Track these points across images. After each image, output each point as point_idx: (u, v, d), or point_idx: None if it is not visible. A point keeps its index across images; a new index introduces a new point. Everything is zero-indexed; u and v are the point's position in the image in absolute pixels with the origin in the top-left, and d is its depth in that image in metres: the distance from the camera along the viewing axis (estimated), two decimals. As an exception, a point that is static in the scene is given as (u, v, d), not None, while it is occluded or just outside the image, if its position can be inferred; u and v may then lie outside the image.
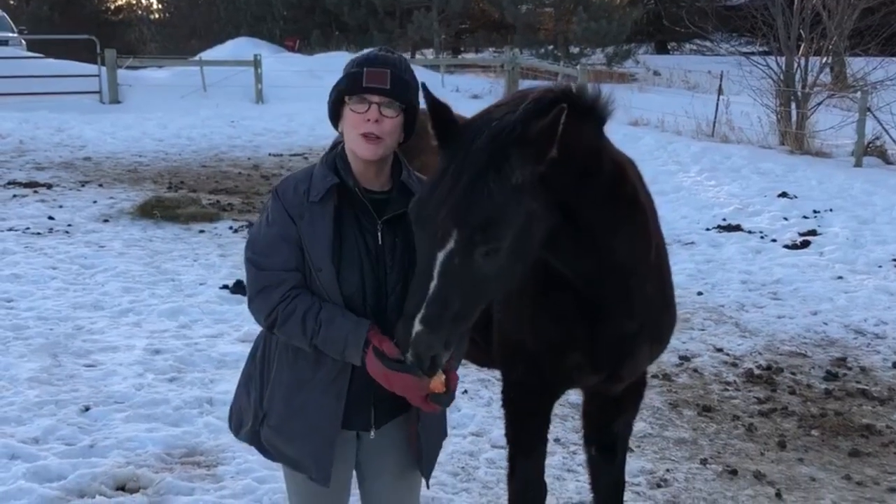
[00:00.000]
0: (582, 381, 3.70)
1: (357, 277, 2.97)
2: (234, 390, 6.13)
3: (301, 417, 3.05)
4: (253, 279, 3.02)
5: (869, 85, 19.98)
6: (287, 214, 2.97)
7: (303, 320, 2.90)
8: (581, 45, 34.71)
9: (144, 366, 6.69)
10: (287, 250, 2.96)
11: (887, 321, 8.29)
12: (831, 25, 19.89)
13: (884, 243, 11.00)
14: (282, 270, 2.95)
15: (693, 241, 11.04)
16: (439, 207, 2.74)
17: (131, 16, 53.47)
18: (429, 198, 2.79)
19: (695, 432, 6.00)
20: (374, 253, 3.00)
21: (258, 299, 2.98)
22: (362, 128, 2.92)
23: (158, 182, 14.64)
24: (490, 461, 5.46)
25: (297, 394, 3.05)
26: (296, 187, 3.01)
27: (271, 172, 15.93)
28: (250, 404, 3.19)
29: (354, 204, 3.01)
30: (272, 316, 2.95)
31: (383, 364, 2.84)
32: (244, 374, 3.28)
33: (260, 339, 3.22)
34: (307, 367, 3.03)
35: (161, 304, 8.12)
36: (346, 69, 3.01)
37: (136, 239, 10.62)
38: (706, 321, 8.24)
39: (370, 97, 2.92)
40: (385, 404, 3.09)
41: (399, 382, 2.86)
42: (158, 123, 20.78)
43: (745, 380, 6.90)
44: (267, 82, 25.51)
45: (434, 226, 2.74)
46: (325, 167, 3.03)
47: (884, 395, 6.63)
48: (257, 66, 25.33)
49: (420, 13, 35.56)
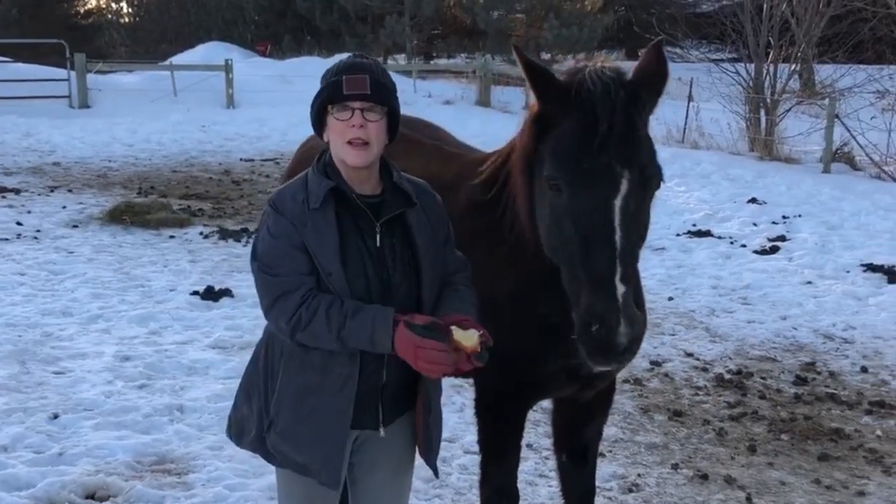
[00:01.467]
0: (558, 389, 3.69)
1: (363, 279, 3.00)
2: (204, 397, 6.17)
3: (310, 423, 3.06)
4: (268, 288, 3.00)
5: (837, 92, 20.20)
6: (290, 224, 2.98)
7: (327, 316, 2.90)
8: (552, 51, 34.86)
9: (114, 373, 6.64)
10: (299, 257, 2.97)
11: (855, 326, 8.38)
12: (800, 33, 20.08)
13: (851, 248, 11.12)
14: (297, 275, 2.96)
15: (664, 246, 11.10)
16: (608, 154, 2.81)
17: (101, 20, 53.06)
18: (590, 149, 2.82)
19: (666, 437, 6.04)
20: (374, 255, 3.04)
21: (277, 306, 2.97)
22: (348, 135, 2.96)
23: (128, 187, 14.54)
24: (462, 467, 5.46)
25: (306, 400, 3.05)
26: (294, 197, 3.02)
27: (242, 177, 15.87)
28: (252, 412, 3.19)
29: (351, 208, 3.03)
30: (294, 318, 2.93)
31: (415, 333, 2.83)
32: (244, 383, 3.28)
33: (260, 349, 3.22)
34: (315, 373, 3.04)
35: (131, 311, 8.07)
36: (324, 79, 3.04)
37: (106, 245, 10.54)
38: (677, 326, 8.29)
39: (352, 104, 2.95)
40: (391, 402, 3.14)
41: (428, 352, 2.84)
42: (128, 128, 20.64)
43: (715, 384, 6.95)
44: (238, 87, 25.40)
45: (606, 173, 2.81)
46: (317, 175, 3.05)
47: (852, 400, 6.70)
48: (228, 71, 25.22)
49: (392, 18, 35.58)
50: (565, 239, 2.92)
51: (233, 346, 7.32)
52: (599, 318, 2.76)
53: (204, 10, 45.07)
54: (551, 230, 3.00)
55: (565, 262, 2.96)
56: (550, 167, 2.93)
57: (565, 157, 2.89)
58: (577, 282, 2.87)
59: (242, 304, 8.37)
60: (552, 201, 2.95)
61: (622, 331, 2.74)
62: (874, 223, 12.62)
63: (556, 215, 2.94)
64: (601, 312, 2.76)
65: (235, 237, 11.08)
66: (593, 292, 2.79)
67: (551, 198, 2.95)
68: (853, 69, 20.92)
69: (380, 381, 3.06)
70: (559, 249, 2.98)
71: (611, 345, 2.76)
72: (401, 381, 3.11)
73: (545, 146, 3.00)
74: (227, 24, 43.45)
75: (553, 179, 2.91)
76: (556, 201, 2.93)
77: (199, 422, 5.90)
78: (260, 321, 8.21)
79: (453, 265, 3.22)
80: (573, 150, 2.88)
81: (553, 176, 2.91)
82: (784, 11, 19.86)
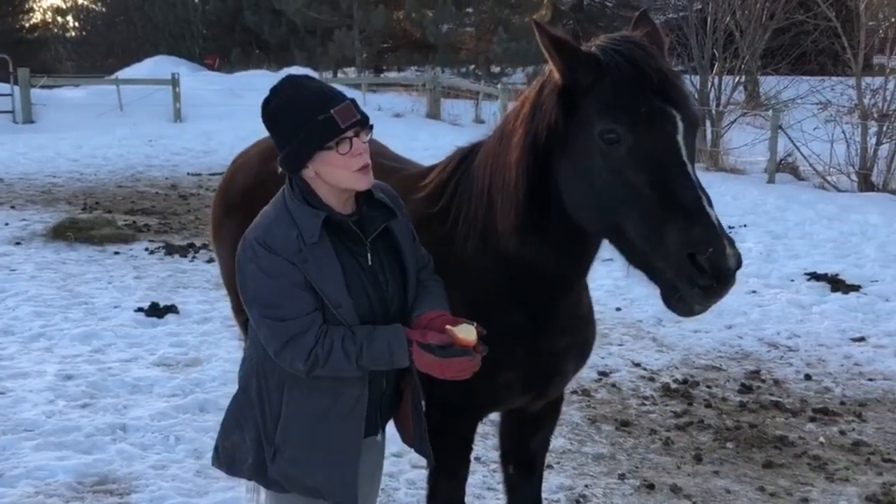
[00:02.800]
0: (511, 401, 3.67)
1: (366, 301, 3.03)
2: (148, 415, 6.08)
3: (325, 447, 3.07)
4: (276, 332, 2.94)
5: (780, 103, 20.53)
6: (288, 263, 2.93)
7: (343, 350, 2.92)
8: (502, 64, 35.05)
9: (55, 392, 6.52)
10: (303, 295, 2.93)
11: (799, 334, 8.49)
12: (744, 45, 20.39)
13: (796, 258, 11.29)
14: (306, 315, 2.93)
15: (612, 257, 11.11)
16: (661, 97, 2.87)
17: (47, 34, 52.45)
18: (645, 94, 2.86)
19: (613, 447, 6.06)
20: (369, 274, 3.06)
21: (289, 349, 2.93)
22: (356, 164, 2.94)
23: (73, 203, 14.33)
24: (410, 482, 5.43)
25: (319, 425, 3.06)
26: (286, 235, 2.95)
27: (189, 192, 15.72)
28: (246, 441, 3.16)
29: (340, 233, 3.03)
30: (311, 358, 2.92)
31: (436, 355, 2.91)
32: (233, 412, 3.23)
33: (251, 377, 3.16)
34: (325, 398, 3.04)
35: (74, 329, 7.93)
36: (304, 119, 2.93)
37: (49, 262, 10.37)
38: (624, 336, 8.34)
39: (349, 134, 2.93)
40: (387, 406, 3.25)
41: (455, 367, 2.93)
42: (73, 143, 20.37)
43: (662, 394, 7.00)
44: (186, 101, 25.21)
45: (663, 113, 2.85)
46: (301, 206, 2.99)
47: (796, 407, 6.77)
48: (175, 85, 25.02)
49: (341, 32, 35.53)
50: (633, 189, 2.85)
51: (178, 364, 7.23)
52: (706, 244, 2.69)
53: (151, 24, 44.75)
54: (607, 190, 2.92)
55: (632, 217, 2.87)
56: (605, 122, 2.88)
57: (621, 106, 2.87)
58: (658, 227, 2.79)
59: (188, 321, 8.27)
60: (609, 157, 2.89)
61: (730, 251, 2.70)
62: (818, 232, 12.83)
63: (616, 170, 2.88)
64: (706, 238, 2.70)
65: (182, 252, 10.96)
66: (688, 224, 2.72)
67: (606, 154, 2.89)
68: (796, 81, 21.31)
69: (381, 390, 3.17)
70: (620, 206, 2.90)
71: (723, 268, 2.70)
72: (394, 383, 3.22)
73: (584, 111, 2.96)
74: (174, 39, 43.19)
75: (609, 133, 2.86)
76: (616, 153, 2.87)
77: (142, 441, 5.81)
78: (206, 337, 8.18)
79: (421, 260, 3.27)
80: (627, 97, 2.87)
81: (609, 129, 2.86)
82: (728, 24, 20.16)
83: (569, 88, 3.00)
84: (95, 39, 48.73)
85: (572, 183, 3.05)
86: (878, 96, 17.87)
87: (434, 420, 3.68)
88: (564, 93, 3.01)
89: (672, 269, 2.80)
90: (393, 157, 4.41)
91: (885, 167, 17.03)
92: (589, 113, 2.95)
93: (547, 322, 3.43)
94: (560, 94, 3.02)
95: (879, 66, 21.40)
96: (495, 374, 3.42)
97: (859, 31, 18.15)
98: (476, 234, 3.38)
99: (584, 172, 2.99)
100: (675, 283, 2.82)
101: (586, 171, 2.98)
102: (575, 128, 3.00)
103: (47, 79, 27.05)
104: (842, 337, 8.43)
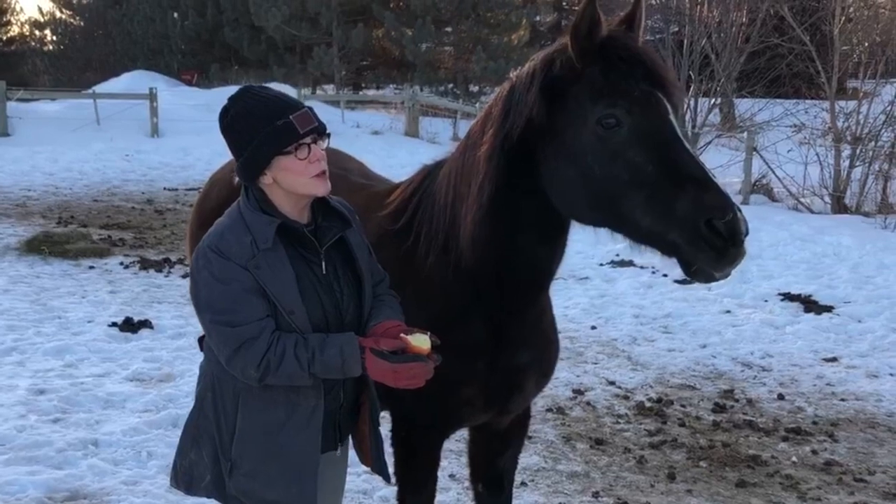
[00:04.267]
0: (475, 417, 3.68)
1: (319, 309, 3.01)
2: (120, 431, 6.04)
3: (282, 459, 3.04)
4: (227, 339, 2.93)
5: (755, 125, 20.71)
6: (241, 268, 2.92)
7: (296, 356, 2.89)
8: (480, 83, 35.22)
9: (27, 406, 6.45)
10: (255, 301, 2.92)
11: (773, 354, 8.54)
12: (719, 68, 20.57)
13: (769, 278, 11.37)
14: (257, 321, 2.91)
15: (587, 276, 11.22)
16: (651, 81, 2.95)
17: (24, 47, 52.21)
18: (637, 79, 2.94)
19: (587, 465, 6.07)
20: (323, 283, 3.05)
21: (240, 356, 2.91)
22: (313, 170, 2.96)
23: (47, 217, 14.24)
24: (384, 499, 5.41)
25: (275, 437, 3.03)
26: (239, 241, 2.95)
27: (166, 207, 15.66)
28: (203, 458, 3.14)
29: (294, 241, 3.03)
30: (263, 364, 2.89)
31: (389, 362, 2.89)
32: (189, 429, 3.21)
33: (207, 392, 3.15)
34: (280, 410, 3.02)
35: (46, 343, 7.87)
36: (263, 125, 2.95)
37: (23, 275, 10.29)
38: (599, 355, 8.37)
39: (307, 140, 2.95)
40: (346, 419, 3.21)
41: (407, 373, 2.91)
42: (49, 157, 20.26)
43: (636, 412, 7.02)
44: (163, 116, 25.14)
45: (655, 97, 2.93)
46: (256, 213, 3.00)
47: (769, 427, 6.81)
48: (153, 100, 24.96)
49: (321, 49, 35.64)
50: (638, 170, 2.88)
51: (151, 379, 7.18)
52: (722, 210, 2.73)
53: (130, 38, 44.70)
54: (608, 175, 2.93)
55: (638, 198, 2.89)
56: (602, 107, 2.92)
57: (616, 91, 2.92)
58: (670, 202, 2.82)
59: (162, 336, 8.23)
60: (609, 142, 2.91)
61: (741, 216, 2.74)
62: (791, 253, 12.94)
63: (618, 153, 2.90)
64: (720, 204, 2.74)
65: (157, 267, 10.91)
66: (700, 193, 2.76)
67: (606, 139, 2.91)
68: (771, 103, 21.49)
69: (338, 403, 3.14)
70: (624, 190, 2.91)
71: (738, 231, 2.73)
72: (352, 397, 3.20)
73: (574, 100, 2.99)
74: (153, 53, 43.17)
75: (608, 118, 2.90)
76: (617, 137, 2.90)
77: (114, 456, 5.76)
78: (180, 353, 8.13)
79: (377, 275, 3.27)
80: (620, 82, 2.93)
81: (608, 114, 2.90)
82: (704, 47, 20.34)
83: (555, 78, 3.02)
84: (73, 53, 48.58)
85: (564, 175, 3.04)
86: (851, 120, 18.10)
87: (399, 437, 3.70)
88: (548, 84, 3.03)
89: (687, 238, 2.81)
90: (363, 174, 4.41)
91: (858, 190, 17.23)
92: (581, 101, 2.98)
93: (509, 336, 3.44)
94: (543, 87, 3.03)
95: (853, 89, 21.67)
96: (456, 389, 3.43)
97: (833, 56, 18.39)
98: (437, 248, 3.39)
99: (580, 162, 2.98)
100: (691, 253, 2.83)
101: (582, 161, 2.98)
102: (564, 119, 3.01)
103: (24, 92, 26.95)
104: (814, 357, 8.50)
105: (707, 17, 20.64)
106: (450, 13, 34.95)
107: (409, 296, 3.37)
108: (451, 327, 3.34)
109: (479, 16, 35.69)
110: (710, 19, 20.63)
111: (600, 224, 3.12)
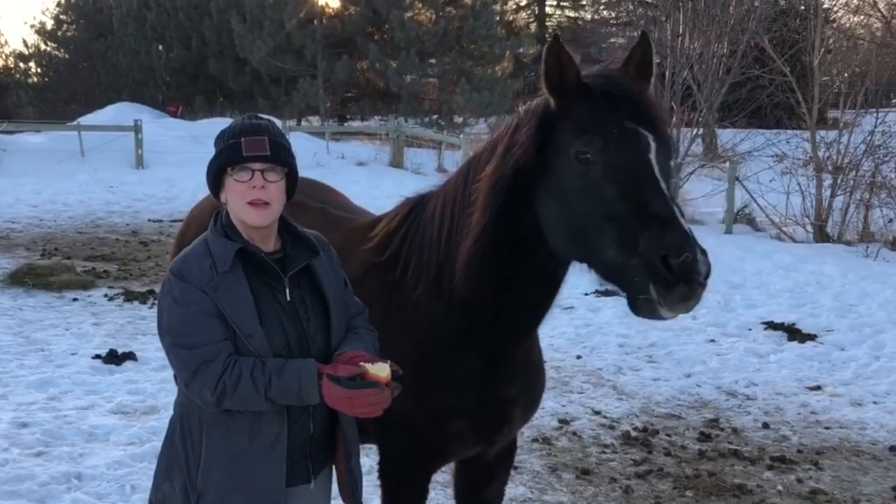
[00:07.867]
0: (462, 450, 3.67)
1: (281, 336, 2.99)
2: (104, 464, 6.00)
3: (245, 487, 3.00)
4: (185, 361, 2.93)
5: (737, 155, 20.86)
6: (200, 291, 2.92)
7: (252, 379, 2.87)
8: (464, 114, 35.34)
9: (9, 440, 6.41)
10: (213, 324, 2.91)
11: (757, 382, 8.57)
12: (701, 99, 20.74)
13: (753, 307, 11.42)
14: (214, 343, 2.90)
15: (572, 305, 11.24)
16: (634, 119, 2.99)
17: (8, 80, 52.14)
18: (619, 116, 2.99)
19: (573, 496, 6.06)
20: (287, 310, 3.03)
21: (197, 378, 2.90)
22: (249, 196, 2.96)
23: (31, 249, 14.19)
24: (369, 530, 5.38)
25: (238, 465, 3.00)
26: (199, 265, 2.97)
27: (150, 238, 15.63)
28: (175, 490, 3.10)
29: (257, 267, 3.02)
30: (219, 387, 2.88)
31: (343, 387, 2.85)
32: (162, 462, 3.19)
33: (175, 423, 3.14)
34: (243, 437, 2.99)
35: (29, 375, 7.82)
36: (220, 141, 3.04)
37: (6, 308, 10.23)
38: (585, 384, 8.37)
39: (252, 165, 2.96)
40: (319, 452, 3.14)
41: (363, 399, 2.86)
42: (33, 189, 20.21)
43: (622, 442, 7.02)
44: (148, 147, 25.12)
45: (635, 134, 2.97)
46: (219, 238, 3.02)
47: (754, 455, 6.82)
48: (138, 132, 24.95)
49: (305, 81, 35.73)
50: (608, 205, 2.91)
51: (135, 412, 7.14)
52: (678, 248, 2.73)
53: (115, 70, 44.72)
54: (583, 208, 2.98)
55: (608, 232, 2.92)
56: (580, 143, 2.97)
57: (594, 128, 2.97)
58: (633, 238, 2.84)
59: (146, 368, 8.19)
60: (584, 176, 2.96)
61: (700, 258, 2.74)
62: (774, 282, 13.01)
63: (591, 187, 2.95)
64: (678, 242, 2.74)
65: (141, 299, 10.88)
66: (662, 232, 2.78)
67: (582, 174, 2.97)
68: (753, 133, 21.67)
69: (308, 433, 3.07)
70: (596, 223, 2.95)
71: (691, 271, 2.72)
72: (325, 428, 3.13)
73: (560, 134, 3.06)
74: (138, 85, 43.18)
75: (583, 153, 2.95)
76: (591, 172, 2.95)
77: (97, 490, 5.72)
78: (164, 385, 8.09)
79: (353, 308, 3.25)
80: (601, 120, 2.98)
81: (582, 151, 2.96)
82: (686, 78, 20.51)
83: (548, 115, 3.09)
84: (58, 86, 48.52)
85: (550, 205, 3.10)
86: (832, 149, 18.28)
87: (387, 470, 3.69)
88: (545, 119, 3.09)
89: (641, 271, 2.81)
90: (345, 208, 4.43)
91: (840, 219, 17.36)
92: (565, 136, 3.04)
93: (500, 369, 3.45)
94: (540, 121, 3.10)
95: (833, 119, 21.89)
96: (446, 422, 3.43)
97: (814, 86, 18.58)
98: (428, 280, 3.40)
99: (561, 193, 3.05)
100: (641, 285, 2.82)
101: (563, 192, 3.04)
102: (553, 151, 3.07)
103: (8, 124, 26.90)
104: (798, 385, 8.53)
105: (688, 48, 20.82)
106: (434, 45, 35.12)
107: (396, 327, 3.37)
108: (442, 359, 3.35)
109: (462, 48, 35.89)
110: (692, 51, 20.82)
111: (577, 257, 3.15)
